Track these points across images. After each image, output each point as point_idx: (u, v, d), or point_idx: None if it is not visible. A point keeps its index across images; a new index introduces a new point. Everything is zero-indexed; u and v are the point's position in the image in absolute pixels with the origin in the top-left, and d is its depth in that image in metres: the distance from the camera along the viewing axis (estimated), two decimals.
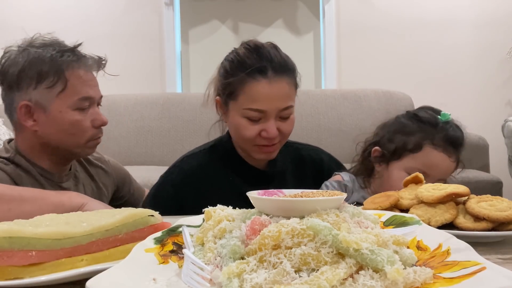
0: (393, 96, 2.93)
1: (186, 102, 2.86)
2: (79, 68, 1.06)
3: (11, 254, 0.50)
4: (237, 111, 1.11)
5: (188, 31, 3.35)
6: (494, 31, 3.17)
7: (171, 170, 1.23)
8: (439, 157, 1.07)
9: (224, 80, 1.13)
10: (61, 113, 1.05)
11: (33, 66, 1.03)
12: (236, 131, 1.14)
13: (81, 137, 1.08)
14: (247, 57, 1.11)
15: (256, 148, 1.14)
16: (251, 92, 1.08)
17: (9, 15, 3.13)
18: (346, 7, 3.22)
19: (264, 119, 1.10)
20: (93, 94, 1.08)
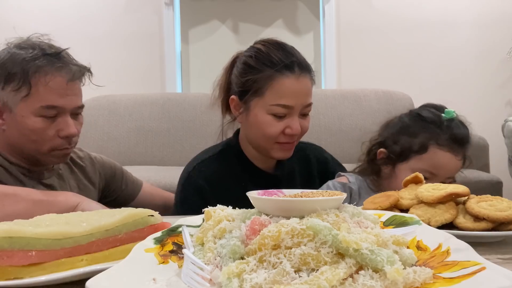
0: (393, 96, 2.92)
1: (186, 102, 2.86)
2: (52, 74, 1.01)
3: (11, 254, 0.50)
4: (263, 107, 1.10)
5: (188, 31, 3.35)
6: (494, 31, 3.17)
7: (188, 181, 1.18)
8: (446, 157, 1.06)
9: (246, 77, 1.11)
10: (23, 118, 1.01)
11: (4, 66, 1.01)
12: (259, 129, 1.12)
13: (42, 145, 1.03)
14: (273, 53, 1.11)
15: (277, 146, 1.13)
16: (279, 88, 1.08)
17: (9, 15, 3.13)
18: (346, 7, 3.22)
19: (288, 116, 1.10)
20: (62, 103, 1.02)
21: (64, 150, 1.06)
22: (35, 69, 1.00)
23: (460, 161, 1.09)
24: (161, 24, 3.22)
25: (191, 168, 1.20)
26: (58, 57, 1.04)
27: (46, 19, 3.13)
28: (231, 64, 1.20)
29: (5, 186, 0.90)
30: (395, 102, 2.90)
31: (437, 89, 3.19)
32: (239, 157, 1.20)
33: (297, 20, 3.34)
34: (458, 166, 1.09)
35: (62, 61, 1.04)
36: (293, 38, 3.29)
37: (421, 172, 1.00)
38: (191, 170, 1.19)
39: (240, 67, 1.15)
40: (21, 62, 1.00)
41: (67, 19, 3.12)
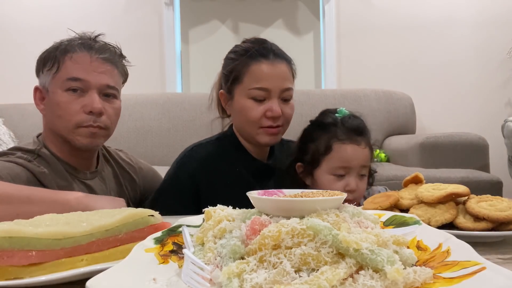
0: (393, 96, 2.92)
1: (186, 102, 2.86)
2: (79, 50, 1.06)
3: (11, 254, 0.50)
4: (243, 92, 1.17)
5: (188, 31, 3.35)
6: (494, 31, 3.17)
7: (183, 160, 1.23)
8: (349, 149, 1.13)
9: (227, 68, 1.21)
10: (53, 94, 1.05)
11: (44, 53, 1.08)
12: (242, 114, 1.18)
13: (67, 121, 1.04)
14: (249, 45, 1.21)
15: (262, 131, 1.18)
16: (255, 72, 1.16)
17: (9, 14, 3.13)
18: (346, 7, 3.22)
19: (268, 99, 1.17)
20: (86, 77, 1.04)
21: (89, 128, 1.06)
22: (65, 47, 1.06)
23: (365, 149, 1.15)
24: (161, 24, 3.22)
25: (188, 149, 1.25)
26: (92, 40, 1.10)
27: (46, 19, 3.13)
28: None
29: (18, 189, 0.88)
30: (395, 102, 2.90)
31: (437, 89, 3.20)
32: (234, 145, 1.25)
33: (297, 20, 3.34)
34: (366, 154, 1.15)
35: (92, 41, 1.09)
36: (293, 38, 3.29)
37: (336, 169, 1.11)
38: (188, 150, 1.24)
39: (223, 64, 1.25)
40: (57, 46, 1.08)
41: (67, 19, 3.12)
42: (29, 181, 0.98)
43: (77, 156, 1.11)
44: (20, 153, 1.03)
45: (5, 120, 2.72)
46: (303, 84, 3.19)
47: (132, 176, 1.28)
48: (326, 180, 1.14)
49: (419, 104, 3.04)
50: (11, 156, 1.02)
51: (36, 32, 3.10)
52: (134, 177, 1.28)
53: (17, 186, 0.89)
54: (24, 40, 3.11)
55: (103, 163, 1.20)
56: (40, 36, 3.09)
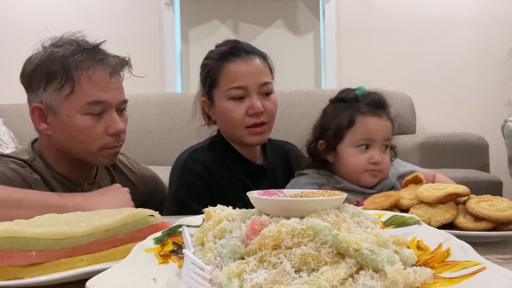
0: (393, 96, 2.92)
1: (186, 102, 2.85)
2: (93, 68, 0.97)
3: (11, 254, 0.50)
4: (222, 95, 1.17)
5: (188, 31, 3.35)
6: (494, 31, 3.17)
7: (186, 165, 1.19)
8: (372, 121, 1.15)
9: (203, 74, 1.22)
10: (69, 118, 0.97)
11: (44, 65, 0.97)
12: (225, 117, 1.18)
13: (91, 145, 0.99)
14: (219, 48, 1.22)
15: (247, 131, 1.18)
16: (229, 72, 1.16)
17: (9, 14, 3.13)
18: (346, 7, 3.22)
19: (247, 97, 1.16)
20: (106, 98, 0.98)
21: (113, 149, 1.02)
22: (76, 64, 0.96)
23: (387, 121, 1.18)
24: (161, 24, 3.22)
25: (185, 155, 1.22)
26: (96, 50, 1.01)
27: (46, 19, 3.13)
28: None
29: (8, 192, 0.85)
30: (395, 102, 2.90)
31: (437, 89, 3.20)
32: (227, 149, 1.24)
33: (297, 20, 3.34)
34: (388, 126, 1.18)
35: (101, 54, 1.01)
36: (293, 38, 3.29)
37: (360, 142, 1.13)
38: (186, 157, 1.21)
39: (200, 71, 1.25)
40: (60, 59, 0.96)
41: (67, 19, 3.11)
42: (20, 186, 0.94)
43: (79, 170, 1.07)
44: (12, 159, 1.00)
45: (5, 120, 2.72)
46: (303, 84, 3.19)
47: (134, 183, 1.24)
48: (350, 153, 1.15)
49: (419, 104, 3.03)
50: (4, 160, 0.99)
51: (36, 32, 3.10)
52: (136, 184, 1.24)
53: (7, 188, 0.86)
54: (24, 40, 3.11)
55: (102, 172, 1.16)
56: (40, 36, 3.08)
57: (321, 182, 1.20)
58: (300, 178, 1.23)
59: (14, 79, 3.60)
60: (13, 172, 0.96)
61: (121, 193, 0.94)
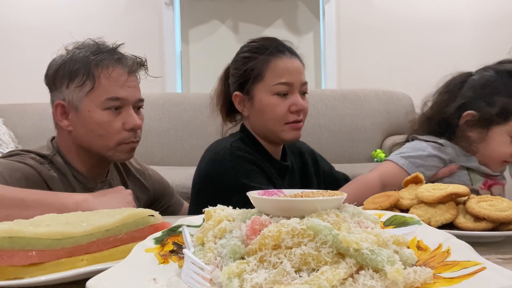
0: (393, 96, 2.93)
1: (186, 102, 2.86)
2: (112, 67, 1.03)
3: (11, 254, 0.50)
4: (266, 90, 1.17)
5: (188, 31, 3.35)
6: (494, 31, 3.17)
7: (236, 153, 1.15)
8: None
9: (245, 67, 1.20)
10: (89, 113, 1.02)
11: (66, 65, 1.03)
12: (267, 112, 1.17)
13: (110, 139, 1.04)
14: (263, 43, 1.22)
15: (287, 127, 1.18)
16: (277, 68, 1.17)
17: (9, 14, 3.13)
18: (346, 7, 3.22)
19: (290, 94, 1.17)
20: (125, 95, 1.04)
21: (130, 144, 1.07)
22: (96, 63, 1.03)
23: None
24: (161, 24, 3.23)
25: (228, 145, 1.18)
26: (115, 51, 1.08)
27: (46, 19, 3.13)
28: (225, 73, 1.28)
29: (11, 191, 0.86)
30: (395, 102, 2.91)
31: (437, 89, 3.20)
32: (255, 145, 1.23)
33: (297, 20, 3.34)
34: None
35: (119, 54, 1.07)
36: (293, 38, 3.28)
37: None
38: (230, 147, 1.17)
39: (236, 64, 1.23)
40: (81, 59, 1.03)
41: (67, 19, 3.12)
42: (36, 183, 0.97)
43: (96, 167, 1.10)
44: (33, 155, 1.02)
45: (5, 120, 2.73)
46: None
47: (142, 182, 1.26)
48: (501, 141, 1.08)
49: (419, 104, 3.04)
50: (23, 156, 1.01)
51: (36, 32, 3.11)
52: (144, 182, 1.27)
53: (10, 188, 0.87)
54: (24, 40, 3.11)
55: (113, 172, 1.19)
56: (40, 36, 3.09)
57: (449, 158, 1.11)
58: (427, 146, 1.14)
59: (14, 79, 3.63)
60: (30, 169, 0.98)
61: (123, 194, 0.95)
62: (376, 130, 2.81)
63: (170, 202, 1.36)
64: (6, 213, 0.78)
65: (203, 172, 1.19)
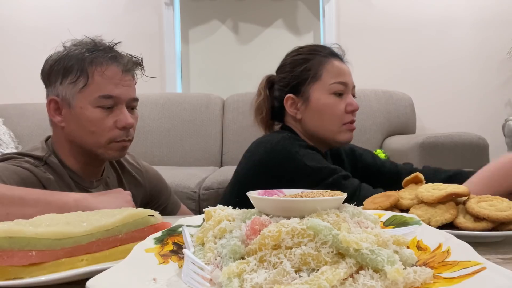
0: (393, 96, 2.93)
1: (186, 102, 2.86)
2: (107, 65, 1.04)
3: (11, 254, 0.50)
4: (323, 89, 1.20)
5: (188, 31, 3.35)
6: (494, 31, 3.17)
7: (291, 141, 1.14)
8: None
9: (300, 68, 1.22)
10: (82, 109, 1.03)
11: (62, 61, 1.04)
12: (325, 112, 1.19)
13: (101, 137, 1.04)
14: (315, 47, 1.27)
15: (344, 128, 1.21)
16: (333, 68, 1.21)
17: (9, 14, 3.13)
18: (346, 7, 3.22)
19: (345, 94, 1.21)
20: (117, 93, 1.04)
21: (121, 142, 1.06)
22: (91, 60, 1.03)
23: None
24: (161, 24, 3.23)
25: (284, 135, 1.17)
26: (111, 49, 1.08)
27: (46, 19, 3.13)
28: (268, 81, 1.29)
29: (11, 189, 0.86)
30: (395, 102, 2.91)
31: (437, 89, 3.20)
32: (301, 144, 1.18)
33: (297, 20, 3.34)
34: None
35: (114, 52, 1.07)
36: (293, 38, 3.29)
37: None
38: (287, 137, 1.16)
39: (287, 68, 1.25)
40: (77, 55, 1.04)
41: (67, 19, 3.12)
42: (34, 186, 0.97)
43: (90, 166, 1.10)
44: (27, 158, 1.02)
45: (5, 120, 2.73)
46: None
47: (138, 179, 1.26)
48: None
49: (419, 104, 3.04)
50: (18, 160, 1.01)
51: (36, 32, 3.11)
52: (141, 180, 1.27)
53: (10, 186, 0.87)
54: (24, 40, 3.11)
55: (108, 169, 1.19)
56: (40, 36, 3.09)
57: None
58: None
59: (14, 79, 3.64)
60: (26, 171, 0.98)
61: (122, 194, 0.95)
62: (376, 130, 2.82)
63: (167, 202, 1.36)
64: (6, 211, 0.78)
65: (259, 162, 1.16)
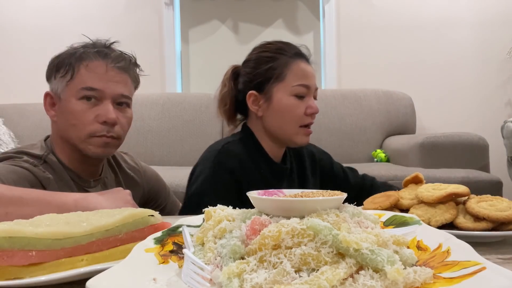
0: (393, 96, 2.93)
1: (186, 102, 2.86)
2: (92, 59, 1.04)
3: (11, 254, 0.50)
4: (286, 90, 1.19)
5: (188, 31, 3.35)
6: (494, 31, 3.17)
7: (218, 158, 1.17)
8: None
9: (266, 66, 1.21)
10: (66, 102, 1.04)
11: (57, 58, 1.07)
12: (285, 113, 1.20)
13: (81, 130, 1.03)
14: (282, 45, 1.24)
15: (302, 130, 1.21)
16: (298, 70, 1.20)
17: (9, 14, 3.13)
18: (346, 7, 3.22)
19: (307, 97, 1.21)
20: (101, 87, 1.04)
21: (102, 138, 1.05)
22: (80, 55, 1.05)
23: None
24: (161, 24, 3.23)
25: (219, 147, 1.20)
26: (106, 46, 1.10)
27: (46, 19, 3.13)
28: (233, 74, 1.28)
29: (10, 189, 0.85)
30: (395, 102, 2.91)
31: (437, 89, 3.20)
32: (255, 146, 1.24)
33: (297, 20, 3.34)
34: None
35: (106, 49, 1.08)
36: (293, 38, 3.29)
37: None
38: (220, 148, 1.19)
39: (253, 63, 1.24)
40: (70, 52, 1.07)
41: (67, 19, 3.12)
42: (33, 185, 0.97)
43: (85, 164, 1.10)
44: (26, 157, 1.02)
45: (5, 120, 2.73)
46: None
47: (136, 180, 1.26)
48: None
49: (419, 104, 3.04)
50: (17, 159, 1.01)
51: (36, 32, 3.10)
52: (139, 180, 1.26)
53: (9, 186, 0.87)
54: (24, 40, 3.11)
55: (106, 169, 1.19)
56: (40, 36, 3.09)
57: None
58: None
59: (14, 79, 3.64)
60: (25, 171, 0.98)
61: (122, 194, 0.94)
62: (376, 130, 2.82)
63: (165, 202, 1.36)
64: (5, 211, 0.78)
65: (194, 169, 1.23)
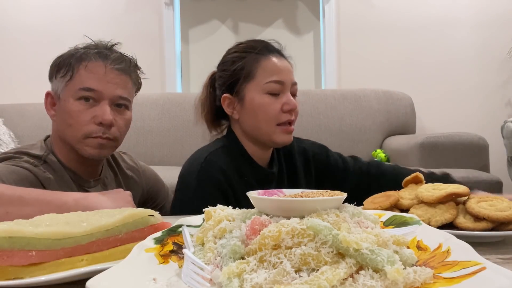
0: (393, 96, 2.93)
1: (186, 102, 2.86)
2: (92, 60, 1.05)
3: (11, 254, 0.50)
4: (257, 89, 1.15)
5: (188, 31, 3.35)
6: (494, 31, 3.17)
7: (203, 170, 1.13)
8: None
9: (234, 66, 1.17)
10: (65, 102, 1.05)
11: (59, 58, 1.08)
12: (259, 112, 1.15)
13: (77, 130, 1.03)
14: (251, 43, 1.20)
15: (279, 129, 1.16)
16: (268, 66, 1.15)
17: (9, 14, 3.13)
18: (346, 7, 3.22)
19: (282, 93, 1.15)
20: (99, 87, 1.03)
21: (98, 139, 1.04)
22: (80, 56, 1.06)
23: None
24: (161, 24, 3.22)
25: (202, 159, 1.15)
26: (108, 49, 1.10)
27: (46, 19, 3.13)
28: (211, 79, 1.26)
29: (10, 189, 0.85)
30: (395, 102, 2.91)
31: (437, 89, 3.20)
32: (241, 152, 1.20)
33: (297, 20, 3.34)
34: None
35: (106, 51, 1.09)
36: (293, 38, 3.29)
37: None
38: (203, 161, 1.15)
39: (223, 66, 1.21)
40: (73, 53, 1.07)
41: (67, 19, 3.12)
42: (33, 186, 0.96)
43: (83, 164, 1.10)
44: (26, 158, 1.02)
45: (5, 120, 2.73)
46: (303, 84, 3.18)
47: (136, 179, 1.26)
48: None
49: (419, 104, 3.04)
50: (17, 160, 1.01)
51: (36, 32, 3.10)
52: (138, 180, 1.27)
53: (9, 186, 0.87)
54: (24, 40, 3.11)
55: (106, 169, 1.19)
56: (40, 36, 3.09)
57: None
58: None
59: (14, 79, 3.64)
60: (26, 171, 0.98)
61: (122, 194, 0.94)
62: (376, 130, 2.82)
63: (165, 202, 1.36)
64: (5, 210, 0.78)
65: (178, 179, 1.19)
